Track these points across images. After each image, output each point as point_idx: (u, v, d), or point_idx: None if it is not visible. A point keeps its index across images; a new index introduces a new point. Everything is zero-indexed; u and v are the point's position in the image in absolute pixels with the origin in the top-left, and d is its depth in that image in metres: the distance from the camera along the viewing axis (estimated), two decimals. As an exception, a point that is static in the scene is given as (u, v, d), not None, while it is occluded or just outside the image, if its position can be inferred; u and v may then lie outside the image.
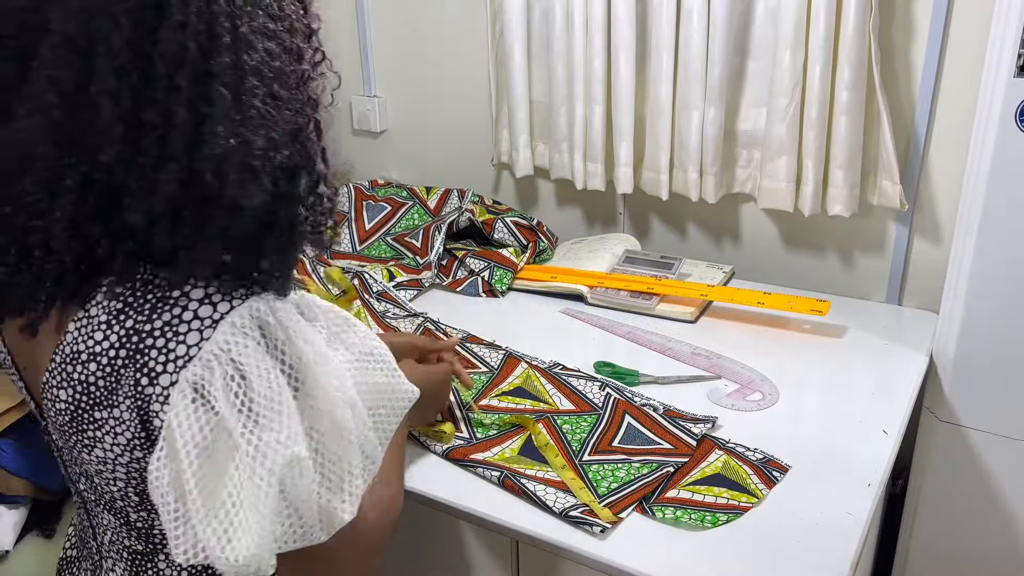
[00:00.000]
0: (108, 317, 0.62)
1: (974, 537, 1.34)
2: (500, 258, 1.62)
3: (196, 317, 0.61)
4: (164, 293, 0.62)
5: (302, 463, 0.60)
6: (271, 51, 0.62)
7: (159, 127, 0.59)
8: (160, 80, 0.59)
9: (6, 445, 1.38)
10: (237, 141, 0.60)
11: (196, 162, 0.59)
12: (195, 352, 0.60)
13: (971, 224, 1.21)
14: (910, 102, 1.41)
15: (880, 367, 1.30)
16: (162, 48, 0.59)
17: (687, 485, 1.01)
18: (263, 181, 0.61)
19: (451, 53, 1.86)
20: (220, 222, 0.61)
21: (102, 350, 0.62)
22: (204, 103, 0.59)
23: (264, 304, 0.62)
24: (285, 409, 0.60)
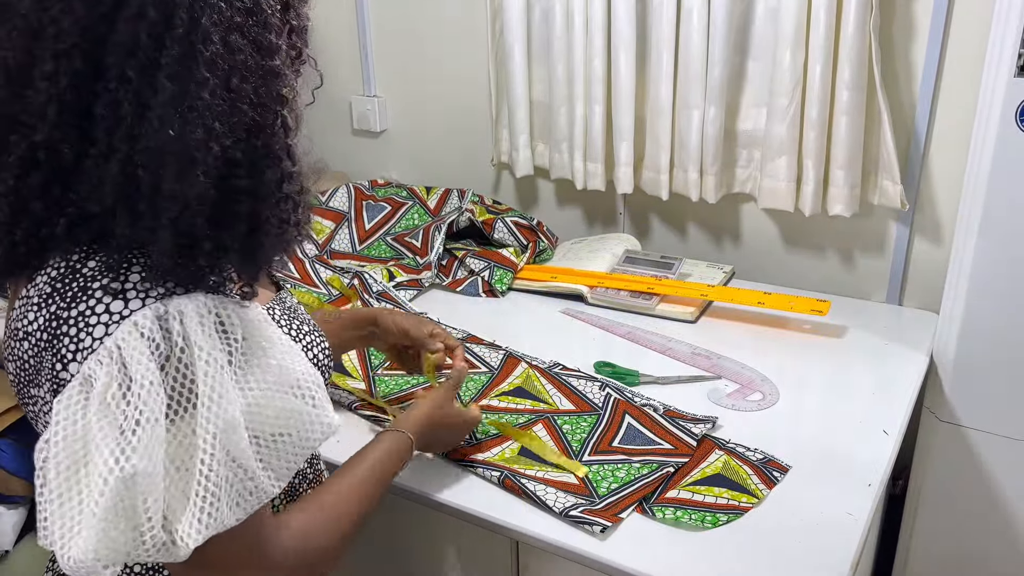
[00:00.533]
0: (39, 299, 0.64)
1: (974, 537, 1.34)
2: (500, 258, 1.62)
3: (107, 311, 0.62)
4: (86, 283, 0.63)
5: (151, 480, 0.59)
6: (234, 45, 0.62)
7: (108, 118, 0.61)
8: (111, 70, 0.60)
9: (6, 445, 1.37)
10: (175, 133, 0.60)
11: (136, 154, 0.61)
12: (97, 346, 0.61)
13: (971, 224, 1.21)
14: (910, 102, 1.41)
15: (880, 367, 1.30)
16: (116, 37, 0.60)
17: (687, 485, 1.01)
18: (201, 173, 0.61)
19: (451, 53, 1.86)
20: (169, 214, 0.61)
21: (32, 330, 0.64)
22: (150, 94, 0.60)
23: (173, 307, 0.62)
24: (151, 426, 0.60)
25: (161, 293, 0.63)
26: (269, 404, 0.66)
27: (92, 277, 0.63)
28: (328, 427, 0.70)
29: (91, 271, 0.64)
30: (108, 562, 0.60)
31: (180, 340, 0.62)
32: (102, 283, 0.63)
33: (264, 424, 0.66)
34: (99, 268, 0.63)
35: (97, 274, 0.63)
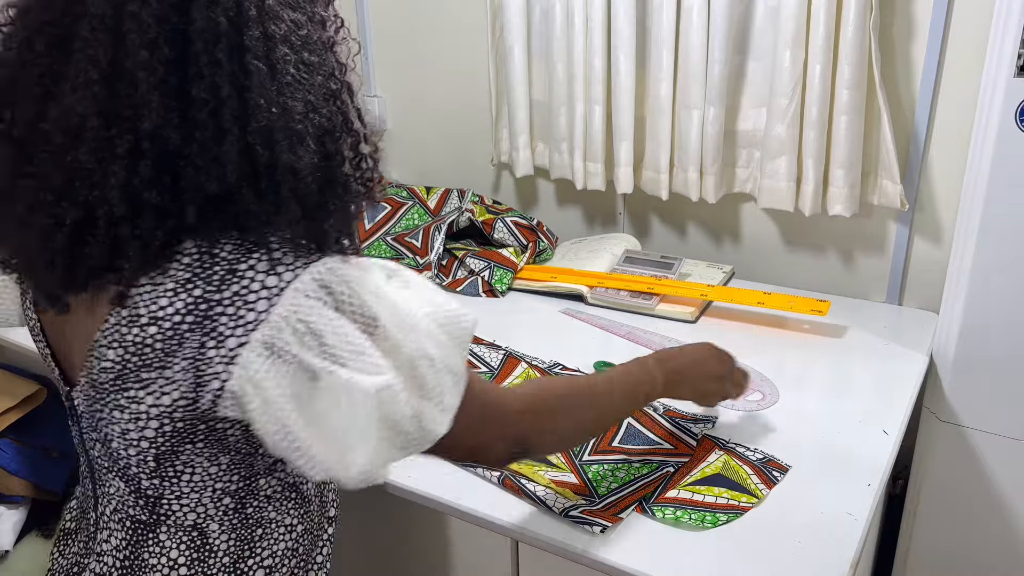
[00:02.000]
0: (175, 285, 0.66)
1: (974, 537, 1.34)
2: (500, 258, 1.62)
3: (264, 287, 0.65)
4: (231, 266, 0.66)
5: (391, 389, 0.66)
6: (296, 21, 0.67)
7: (209, 102, 0.64)
8: (201, 56, 0.63)
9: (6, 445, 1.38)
10: (278, 110, 0.65)
11: (248, 135, 0.64)
12: (264, 317, 0.64)
13: (971, 224, 1.21)
14: (910, 102, 1.41)
15: (880, 367, 1.30)
16: (196, 25, 0.63)
17: (687, 485, 1.01)
18: (309, 143, 0.66)
19: (451, 53, 1.86)
20: (287, 187, 0.66)
21: (166, 315, 0.66)
22: (243, 76, 0.64)
23: (323, 267, 0.67)
24: (359, 349, 0.66)
25: (304, 262, 0.67)
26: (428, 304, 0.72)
27: (235, 260, 0.66)
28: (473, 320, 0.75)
29: (230, 254, 0.67)
30: (386, 464, 0.69)
31: (342, 287, 0.66)
32: (249, 263, 0.66)
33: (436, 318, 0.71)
34: (237, 250, 0.67)
35: (240, 256, 0.67)
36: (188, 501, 0.76)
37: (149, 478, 0.74)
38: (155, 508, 0.77)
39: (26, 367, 1.49)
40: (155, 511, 0.77)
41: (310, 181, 0.67)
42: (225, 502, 0.77)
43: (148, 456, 0.73)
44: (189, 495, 0.76)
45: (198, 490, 0.75)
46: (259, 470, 0.78)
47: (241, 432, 0.72)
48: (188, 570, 0.78)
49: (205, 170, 0.65)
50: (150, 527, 0.78)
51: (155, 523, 0.77)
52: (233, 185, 0.65)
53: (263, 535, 0.80)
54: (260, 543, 0.80)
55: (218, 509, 0.77)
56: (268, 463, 0.78)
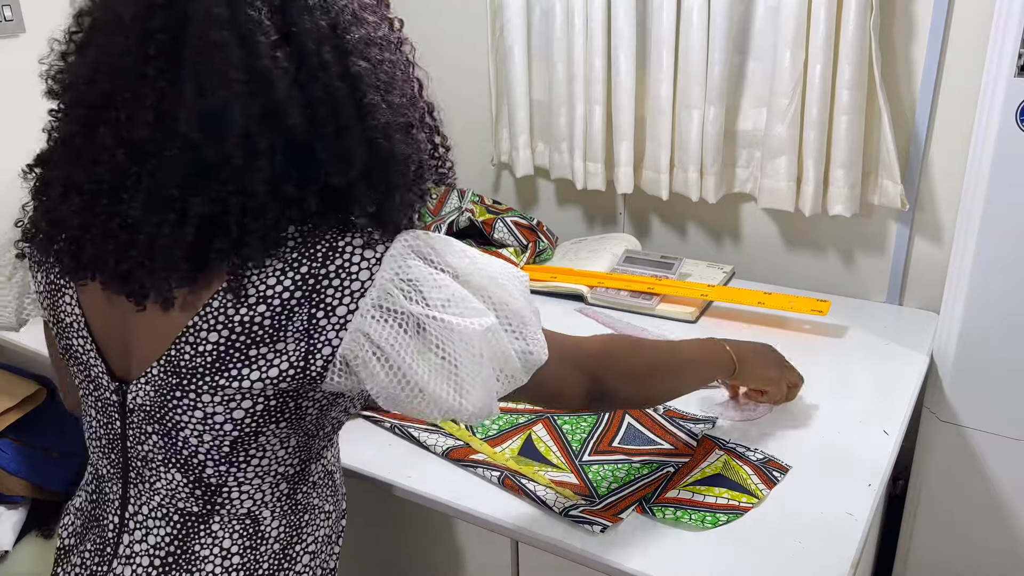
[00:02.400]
0: (283, 265, 0.70)
1: (975, 537, 1.34)
2: (500, 258, 1.62)
3: (363, 259, 0.71)
4: (331, 244, 0.70)
5: (493, 328, 0.74)
6: (376, 23, 0.73)
7: (326, 101, 0.68)
8: (312, 57, 0.67)
9: (6, 445, 1.38)
10: (387, 106, 0.71)
11: (367, 130, 0.69)
12: (369, 285, 0.70)
13: (972, 224, 1.21)
14: (911, 102, 1.41)
15: (880, 367, 1.30)
16: (300, 27, 0.67)
17: (687, 485, 1.01)
18: (416, 134, 0.74)
19: (451, 53, 1.86)
20: (397, 175, 0.72)
21: (275, 293, 0.69)
22: (349, 76, 0.69)
23: (411, 237, 0.73)
24: (460, 297, 0.73)
25: (391, 235, 0.72)
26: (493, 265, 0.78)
27: (333, 238, 0.71)
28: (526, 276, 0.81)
29: (326, 233, 0.71)
30: (496, 398, 0.75)
31: (428, 250, 0.73)
32: (346, 239, 0.71)
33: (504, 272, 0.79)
34: (332, 230, 0.71)
35: (336, 235, 0.71)
36: (248, 488, 0.79)
37: (216, 465, 0.76)
38: (213, 497, 0.78)
39: (26, 367, 1.49)
40: (211, 500, 0.78)
41: (413, 169, 0.73)
42: (281, 487, 0.80)
43: (225, 441, 0.75)
44: (252, 480, 0.78)
45: (261, 475, 0.78)
46: (313, 454, 0.82)
47: (317, 412, 0.77)
48: (240, 559, 0.79)
49: (330, 163, 0.69)
50: (202, 519, 0.79)
51: (208, 514, 0.79)
52: (355, 178, 0.70)
53: (309, 520, 0.84)
54: (306, 528, 0.83)
55: (274, 494, 0.80)
56: (320, 447, 0.83)
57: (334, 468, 0.89)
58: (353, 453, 1.07)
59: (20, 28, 1.58)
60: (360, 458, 1.08)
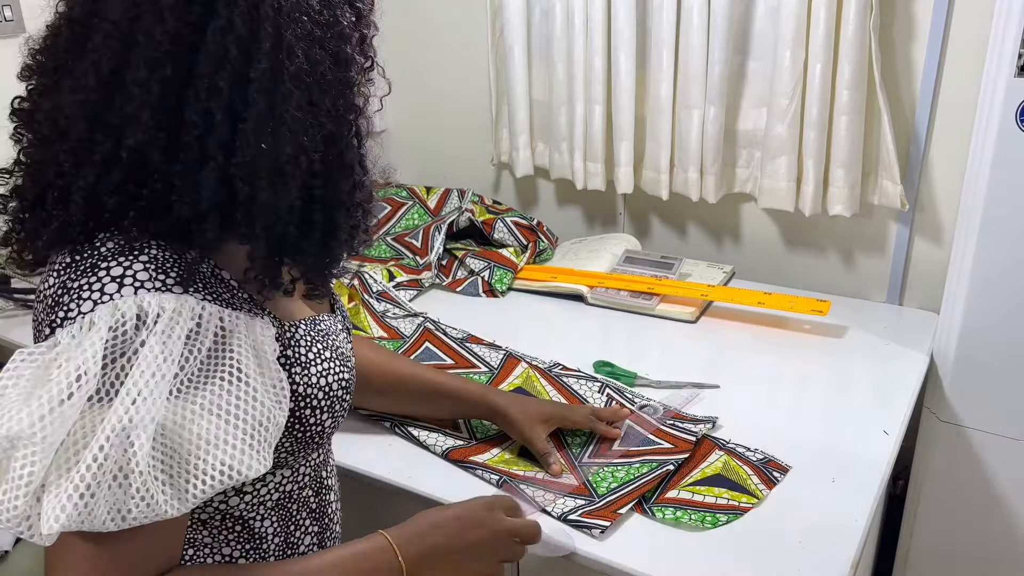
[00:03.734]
0: (60, 267, 0.66)
1: (975, 537, 1.34)
2: (500, 258, 1.62)
3: (101, 290, 0.63)
4: (96, 261, 0.64)
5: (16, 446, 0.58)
6: (315, 58, 0.65)
7: (199, 126, 0.63)
8: (202, 80, 0.62)
9: (6, 445, 1.37)
10: (267, 147, 0.63)
11: (232, 166, 0.63)
12: (79, 318, 0.62)
13: (972, 224, 1.21)
14: (911, 102, 1.41)
15: (880, 367, 1.30)
16: (206, 48, 0.62)
17: (687, 486, 1.01)
18: (292, 185, 0.65)
19: (451, 53, 1.86)
20: (263, 223, 0.64)
21: (44, 296, 0.66)
22: (241, 107, 0.63)
23: (158, 304, 0.62)
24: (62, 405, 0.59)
25: (156, 286, 0.63)
26: (200, 424, 0.63)
27: (103, 257, 0.64)
28: (250, 469, 0.64)
29: (107, 250, 0.65)
30: None
31: (144, 335, 0.61)
32: (108, 264, 0.64)
33: (185, 442, 0.62)
34: (113, 250, 0.65)
35: (108, 255, 0.64)
36: None
37: None
38: None
39: (26, 367, 1.50)
40: None
41: (286, 223, 0.65)
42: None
43: None
44: None
45: None
46: None
47: None
48: None
49: (180, 191, 0.63)
50: None
51: None
52: (204, 212, 0.64)
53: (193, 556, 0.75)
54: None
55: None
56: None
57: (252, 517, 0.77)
58: (353, 453, 1.07)
59: (20, 28, 1.58)
60: (360, 458, 1.07)
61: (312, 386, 0.75)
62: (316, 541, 0.86)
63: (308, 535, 0.84)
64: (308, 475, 0.83)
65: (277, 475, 0.78)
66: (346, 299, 1.46)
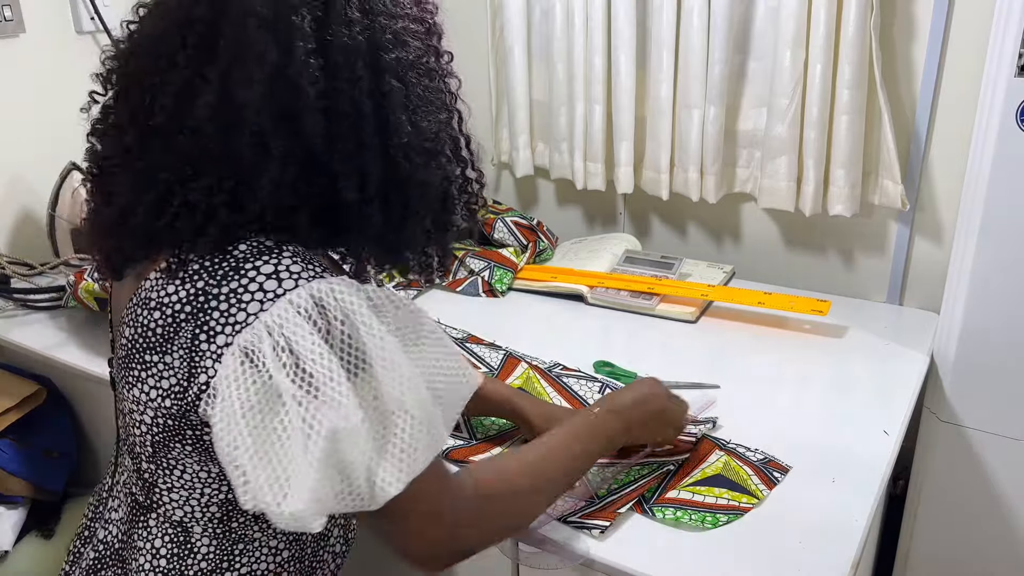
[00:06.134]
0: (183, 274, 0.67)
1: (975, 537, 1.34)
2: (500, 258, 1.62)
3: (260, 289, 0.65)
4: (238, 263, 0.66)
5: (354, 434, 0.62)
6: (419, 49, 0.71)
7: (351, 115, 0.67)
8: (343, 70, 0.66)
9: (6, 445, 1.38)
10: (414, 128, 0.69)
11: (389, 149, 0.68)
12: (252, 320, 0.63)
13: (972, 224, 1.21)
14: (911, 102, 1.41)
15: (881, 367, 1.30)
16: (337, 40, 0.65)
17: (687, 486, 1.01)
18: (439, 161, 0.71)
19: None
20: (416, 201, 0.70)
21: (170, 302, 0.67)
22: (380, 94, 0.67)
23: (327, 286, 0.65)
24: (337, 385, 0.62)
25: (313, 275, 0.65)
26: (429, 363, 0.69)
27: (243, 259, 0.66)
28: (474, 383, 0.73)
29: (242, 253, 0.67)
30: (321, 513, 0.62)
31: (339, 314, 0.64)
32: (255, 264, 0.66)
33: (432, 379, 0.68)
34: (250, 251, 0.67)
35: (249, 256, 0.66)
36: (177, 497, 0.76)
37: (148, 461, 0.75)
38: (150, 493, 0.77)
39: (26, 367, 1.49)
40: (150, 495, 0.78)
41: (435, 198, 0.71)
42: (212, 510, 0.76)
43: (147, 440, 0.73)
44: (179, 491, 0.76)
45: (187, 488, 0.75)
46: None
47: None
48: (168, 563, 0.78)
49: (345, 178, 0.67)
50: (144, 510, 0.79)
51: (149, 507, 0.78)
52: (372, 195, 0.68)
53: (244, 551, 0.79)
54: (240, 558, 0.79)
55: (204, 514, 0.76)
56: None
57: None
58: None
59: (20, 28, 1.58)
60: (360, 458, 1.07)
61: None
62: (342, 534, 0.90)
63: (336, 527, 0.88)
64: None
65: None
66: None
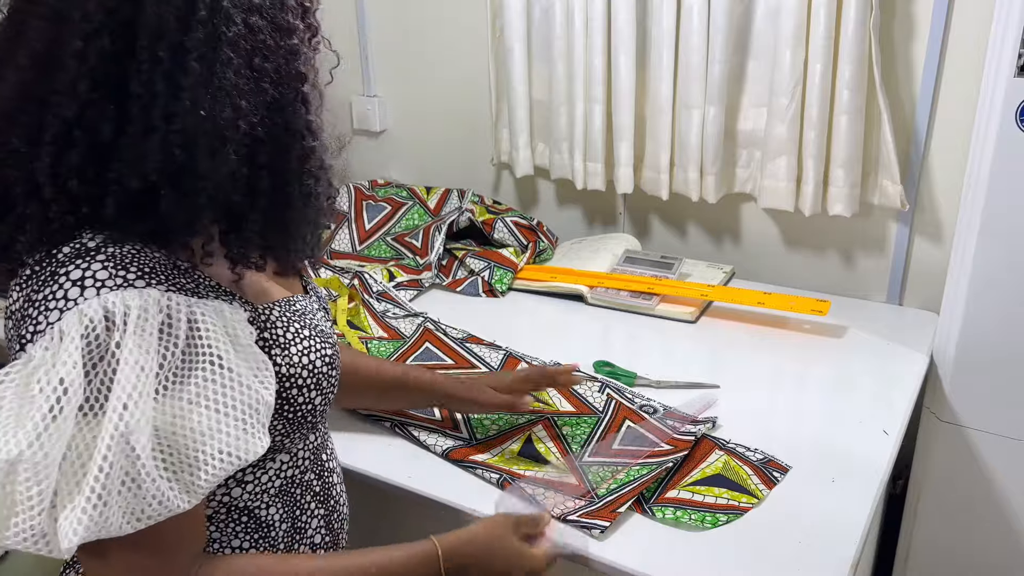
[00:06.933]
0: (21, 281, 0.66)
1: (974, 537, 1.34)
2: (500, 258, 1.62)
3: (64, 297, 0.62)
4: (55, 268, 0.64)
5: (17, 469, 0.59)
6: (254, 25, 0.66)
7: (143, 96, 0.63)
8: (143, 52, 0.63)
9: (6, 445, 1.37)
10: (205, 113, 0.64)
11: (171, 133, 0.63)
12: (48, 329, 0.62)
13: (972, 224, 1.21)
14: (911, 102, 1.41)
15: (880, 367, 1.30)
16: (144, 19, 0.63)
17: (687, 485, 1.01)
18: (229, 151, 0.65)
19: (451, 53, 1.86)
20: (206, 192, 0.65)
21: (11, 311, 0.66)
22: (180, 74, 0.63)
23: (123, 303, 0.62)
24: (55, 419, 0.59)
25: (118, 284, 0.63)
26: (192, 418, 0.64)
27: (61, 263, 0.64)
28: (248, 453, 0.67)
29: (64, 256, 0.64)
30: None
31: (117, 336, 0.61)
32: (68, 269, 0.63)
33: (181, 437, 0.64)
34: (70, 254, 0.64)
35: (66, 260, 0.64)
36: None
37: None
38: None
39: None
40: None
41: (229, 191, 0.66)
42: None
43: None
44: None
45: None
46: None
47: None
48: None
49: (129, 164, 0.63)
50: None
51: None
52: (154, 183, 0.64)
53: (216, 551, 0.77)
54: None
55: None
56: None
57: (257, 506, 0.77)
58: (353, 453, 1.07)
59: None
60: (360, 458, 1.08)
61: (295, 365, 0.75)
62: (323, 524, 0.86)
63: (315, 518, 0.85)
64: (308, 458, 0.83)
65: (277, 461, 0.79)
66: (346, 299, 1.46)
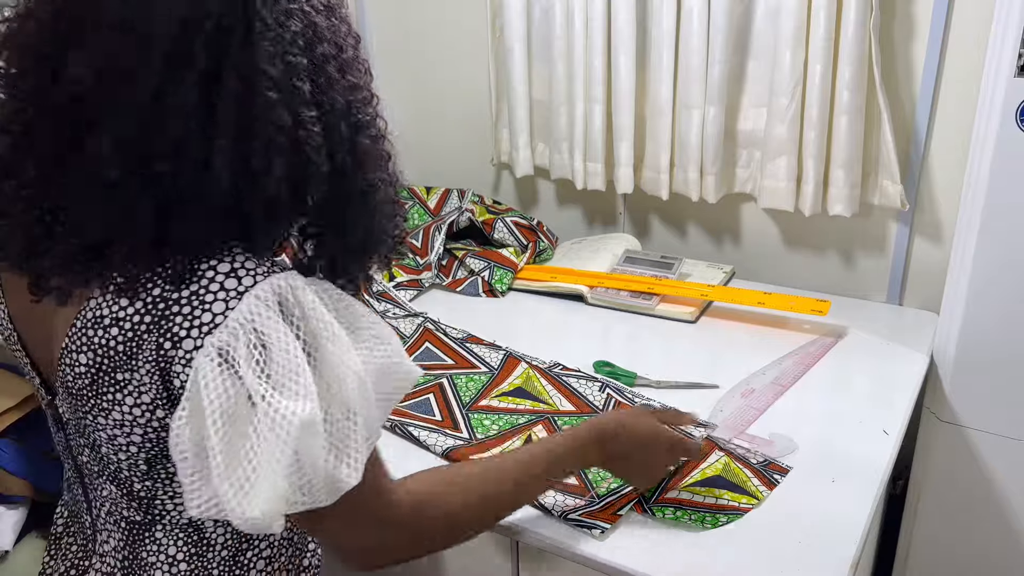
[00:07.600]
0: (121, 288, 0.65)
1: (974, 537, 1.34)
2: (500, 258, 1.62)
3: (222, 288, 0.64)
4: (191, 265, 0.64)
5: (315, 425, 0.62)
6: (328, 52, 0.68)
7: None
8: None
9: (6, 445, 1.38)
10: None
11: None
12: (220, 320, 0.62)
13: (972, 224, 1.21)
14: (911, 102, 1.41)
15: (880, 367, 1.30)
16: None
17: (687, 486, 1.01)
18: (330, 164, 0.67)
19: (451, 53, 1.86)
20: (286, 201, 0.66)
21: (126, 316, 0.65)
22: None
23: (284, 281, 0.65)
24: (301, 377, 0.63)
25: (265, 271, 0.65)
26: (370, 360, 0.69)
27: (196, 260, 0.65)
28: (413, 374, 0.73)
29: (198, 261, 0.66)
30: (281, 513, 0.63)
31: (295, 309, 0.65)
32: (209, 263, 0.65)
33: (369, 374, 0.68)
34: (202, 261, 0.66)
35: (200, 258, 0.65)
36: (182, 500, 0.74)
37: (141, 480, 0.74)
38: (149, 509, 0.76)
39: (26, 367, 1.49)
40: (149, 511, 0.77)
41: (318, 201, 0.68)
42: None
43: (139, 459, 0.72)
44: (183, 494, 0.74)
45: None
46: None
47: None
48: (188, 566, 0.78)
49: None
50: (145, 527, 0.78)
51: (151, 522, 0.77)
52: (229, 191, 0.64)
53: None
54: (255, 534, 0.80)
55: None
56: None
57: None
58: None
59: (20, 28, 1.57)
60: (360, 458, 1.07)
61: None
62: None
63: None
64: None
65: None
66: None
